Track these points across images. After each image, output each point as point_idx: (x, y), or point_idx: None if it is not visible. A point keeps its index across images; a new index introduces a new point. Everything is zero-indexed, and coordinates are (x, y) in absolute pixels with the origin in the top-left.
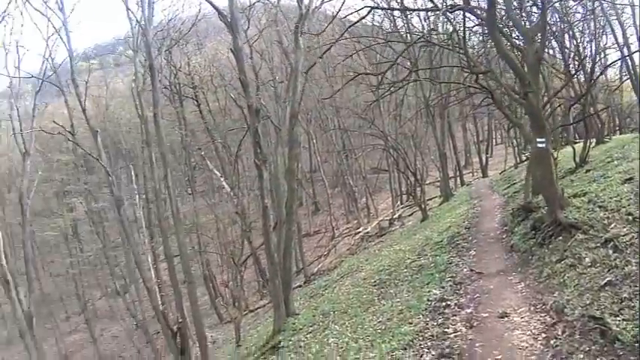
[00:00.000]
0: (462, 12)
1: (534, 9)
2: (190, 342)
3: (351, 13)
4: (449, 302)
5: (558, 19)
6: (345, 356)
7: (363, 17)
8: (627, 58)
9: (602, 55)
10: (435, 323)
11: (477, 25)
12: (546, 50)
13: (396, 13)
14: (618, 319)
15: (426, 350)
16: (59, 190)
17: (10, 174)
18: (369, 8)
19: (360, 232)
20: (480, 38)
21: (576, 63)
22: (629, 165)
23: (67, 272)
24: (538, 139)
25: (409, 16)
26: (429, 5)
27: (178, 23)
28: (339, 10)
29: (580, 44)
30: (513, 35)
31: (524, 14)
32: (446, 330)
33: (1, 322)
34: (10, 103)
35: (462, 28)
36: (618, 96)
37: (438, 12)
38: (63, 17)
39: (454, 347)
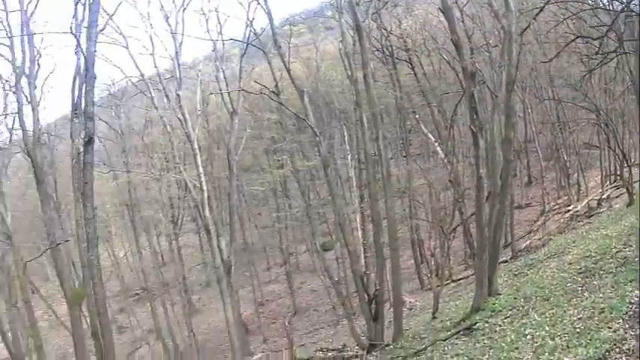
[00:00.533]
0: None
1: None
2: (387, 305)
3: None
4: None
5: None
6: (539, 354)
7: None
8: None
9: None
10: (633, 333)
11: None
12: None
13: None
14: None
15: None
16: (269, 148)
17: (219, 131)
18: None
19: (569, 210)
20: None
21: None
22: None
23: (274, 225)
24: None
25: None
26: None
27: None
28: None
29: None
30: None
31: None
32: None
33: (202, 267)
34: (215, 66)
35: None
36: None
37: None
38: None
39: None
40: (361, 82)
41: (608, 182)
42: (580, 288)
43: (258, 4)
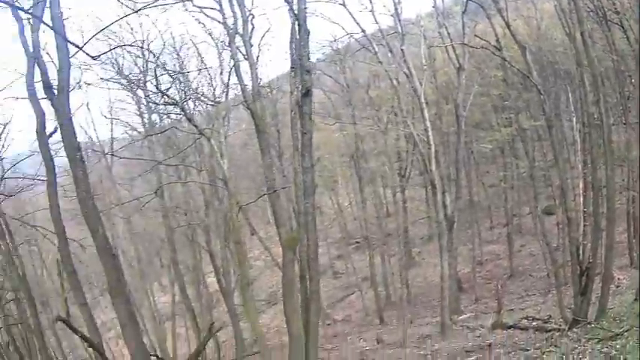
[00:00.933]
0: None
1: None
2: (597, 279)
3: None
4: None
5: None
6: None
7: None
8: None
9: None
10: None
11: None
12: None
13: None
14: None
15: None
16: (497, 105)
17: (447, 87)
18: None
19: None
20: None
21: None
22: None
23: (500, 184)
24: None
25: None
26: None
27: None
28: None
29: None
30: None
31: None
32: None
33: (425, 220)
34: (437, 22)
35: None
36: None
37: None
38: None
39: None
40: (579, 40)
41: None
42: None
43: None
